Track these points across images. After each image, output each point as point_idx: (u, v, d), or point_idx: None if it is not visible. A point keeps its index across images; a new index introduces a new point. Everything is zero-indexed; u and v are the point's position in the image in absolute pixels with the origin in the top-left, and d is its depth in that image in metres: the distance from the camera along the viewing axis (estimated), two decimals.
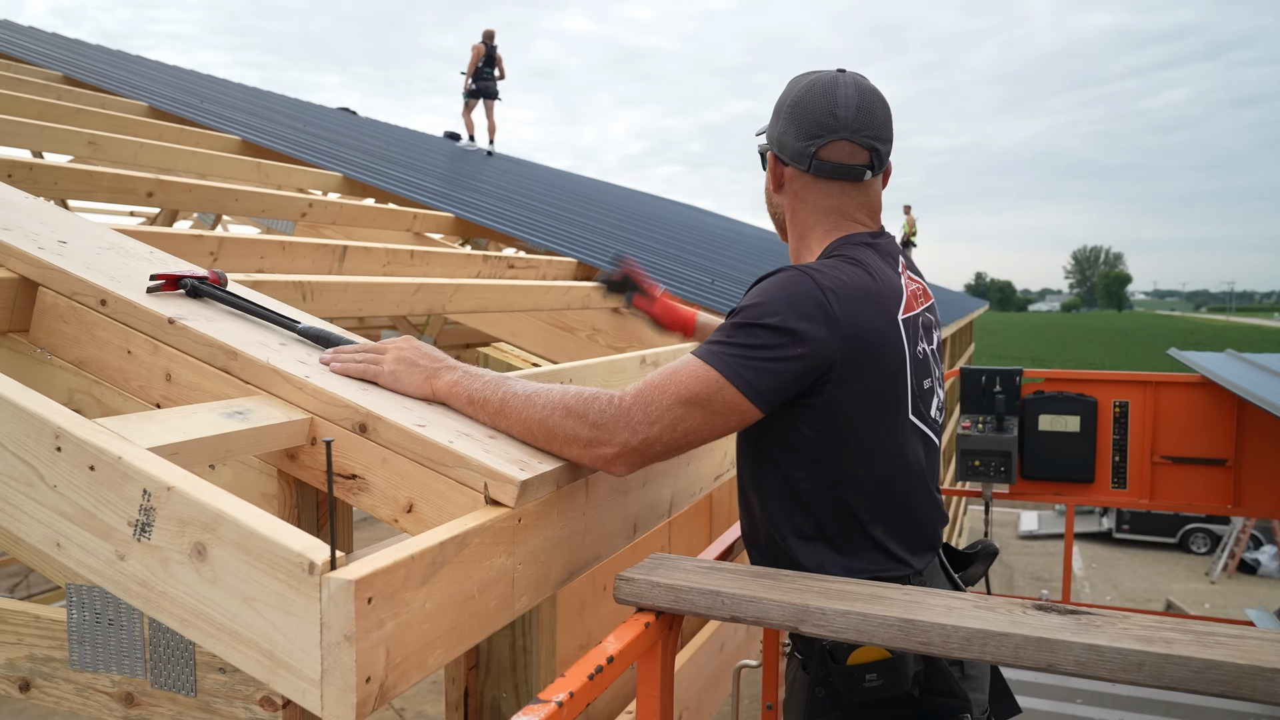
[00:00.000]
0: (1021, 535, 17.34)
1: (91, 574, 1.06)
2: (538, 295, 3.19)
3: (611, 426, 1.30)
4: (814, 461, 1.40)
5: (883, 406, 1.42)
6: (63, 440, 1.06)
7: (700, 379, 1.31)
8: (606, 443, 1.30)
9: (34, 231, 1.62)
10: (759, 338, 1.32)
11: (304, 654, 0.96)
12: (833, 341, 1.33)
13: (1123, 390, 4.06)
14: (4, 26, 7.08)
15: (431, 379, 1.40)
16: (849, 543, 1.43)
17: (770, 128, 1.57)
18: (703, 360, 1.33)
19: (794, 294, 1.34)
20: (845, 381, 1.36)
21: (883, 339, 1.40)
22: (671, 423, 1.30)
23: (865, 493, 1.42)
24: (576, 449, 1.32)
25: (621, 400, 1.32)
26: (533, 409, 1.34)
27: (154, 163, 3.60)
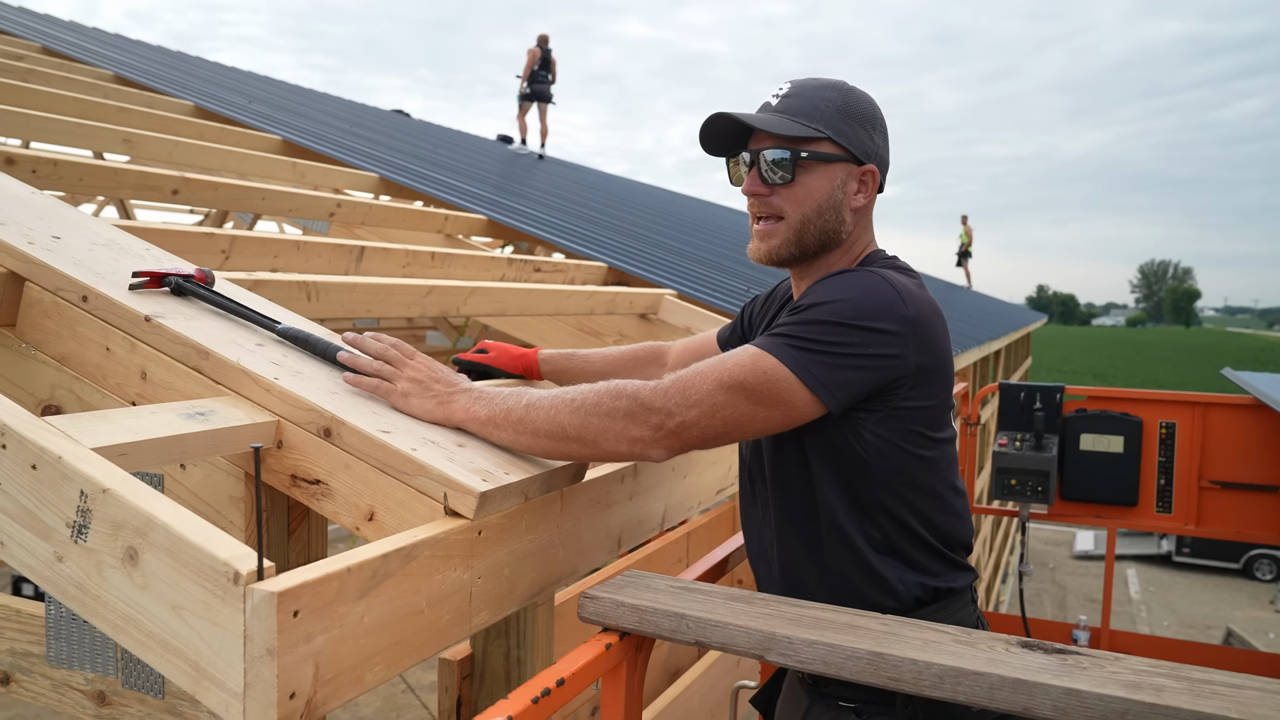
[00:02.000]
0: (1076, 555, 16.89)
1: (32, 574, 1.05)
2: (559, 299, 3.16)
3: (646, 409, 1.26)
4: (881, 472, 1.37)
5: (942, 414, 1.41)
6: (7, 437, 1.05)
7: (747, 365, 1.27)
8: (641, 425, 1.26)
9: (29, 226, 1.63)
10: (836, 334, 1.28)
11: (228, 666, 0.93)
12: (910, 343, 1.31)
13: (1169, 411, 3.89)
14: (68, 28, 7.29)
15: (445, 404, 1.37)
16: (921, 551, 1.41)
17: (852, 134, 1.44)
18: (759, 348, 1.28)
19: (875, 294, 1.31)
20: (918, 386, 1.34)
21: (946, 346, 1.41)
22: (711, 408, 1.26)
23: (933, 505, 1.41)
24: (612, 439, 1.27)
25: (659, 384, 1.28)
26: (559, 409, 1.29)
27: (190, 161, 3.65)
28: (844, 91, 1.46)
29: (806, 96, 1.44)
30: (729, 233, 9.05)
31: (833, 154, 1.43)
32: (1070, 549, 17.25)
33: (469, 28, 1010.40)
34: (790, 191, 1.43)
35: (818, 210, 1.43)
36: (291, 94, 8.32)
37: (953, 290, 17.30)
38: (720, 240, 7.64)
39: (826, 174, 1.43)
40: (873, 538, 1.40)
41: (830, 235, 1.46)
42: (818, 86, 1.46)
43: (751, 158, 1.45)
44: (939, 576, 1.43)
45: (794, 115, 1.43)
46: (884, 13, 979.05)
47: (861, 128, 1.45)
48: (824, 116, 1.43)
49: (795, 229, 1.44)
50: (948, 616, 1.43)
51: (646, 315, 3.83)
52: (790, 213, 1.44)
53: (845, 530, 1.40)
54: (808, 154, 1.42)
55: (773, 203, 1.45)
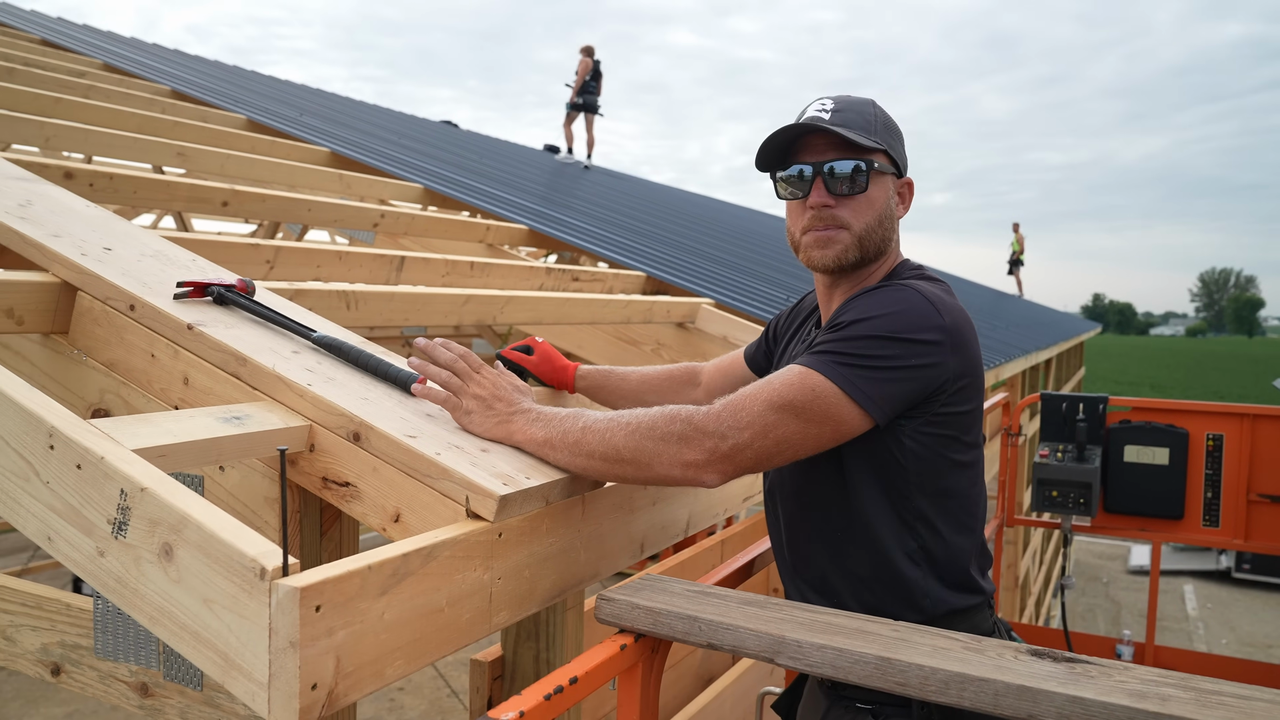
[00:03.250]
0: (1131, 570, 16.48)
1: (76, 568, 1.11)
2: (596, 308, 3.20)
3: (699, 434, 1.29)
4: (920, 479, 1.40)
5: (976, 420, 1.44)
6: (55, 439, 1.11)
7: (795, 385, 1.30)
8: (694, 449, 1.29)
9: (83, 238, 1.71)
10: (878, 348, 1.31)
11: (254, 657, 0.98)
12: (948, 352, 1.35)
13: (1217, 422, 3.81)
14: (128, 44, 7.54)
15: (504, 424, 1.41)
16: (953, 559, 1.44)
17: (897, 148, 1.51)
18: (808, 367, 1.32)
19: (911, 307, 1.35)
20: (955, 393, 1.38)
21: (978, 355, 1.44)
22: (763, 429, 1.28)
23: (967, 511, 1.45)
24: (665, 463, 1.30)
25: (710, 408, 1.31)
26: (614, 432, 1.32)
27: (240, 173, 3.77)
28: (880, 108, 1.52)
29: (857, 111, 1.49)
30: (769, 240, 9.04)
31: (888, 166, 1.49)
32: (1125, 564, 16.85)
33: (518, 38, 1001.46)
34: (856, 202, 1.46)
35: (879, 220, 1.48)
36: (342, 106, 8.51)
37: (1003, 299, 17.05)
38: (760, 248, 7.64)
39: (884, 185, 1.49)
40: (908, 547, 1.42)
41: (884, 245, 1.51)
42: (861, 102, 1.51)
43: (815, 169, 1.46)
44: (967, 586, 1.45)
45: (854, 128, 1.45)
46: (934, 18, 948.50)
47: (899, 142, 1.53)
48: (877, 130, 1.48)
49: (859, 237, 1.47)
50: (977, 624, 1.46)
51: (684, 324, 3.86)
52: (854, 223, 1.46)
53: (881, 540, 1.42)
54: (877, 165, 1.47)
55: (838, 214, 1.46)
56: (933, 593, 1.42)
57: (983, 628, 1.48)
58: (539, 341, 1.95)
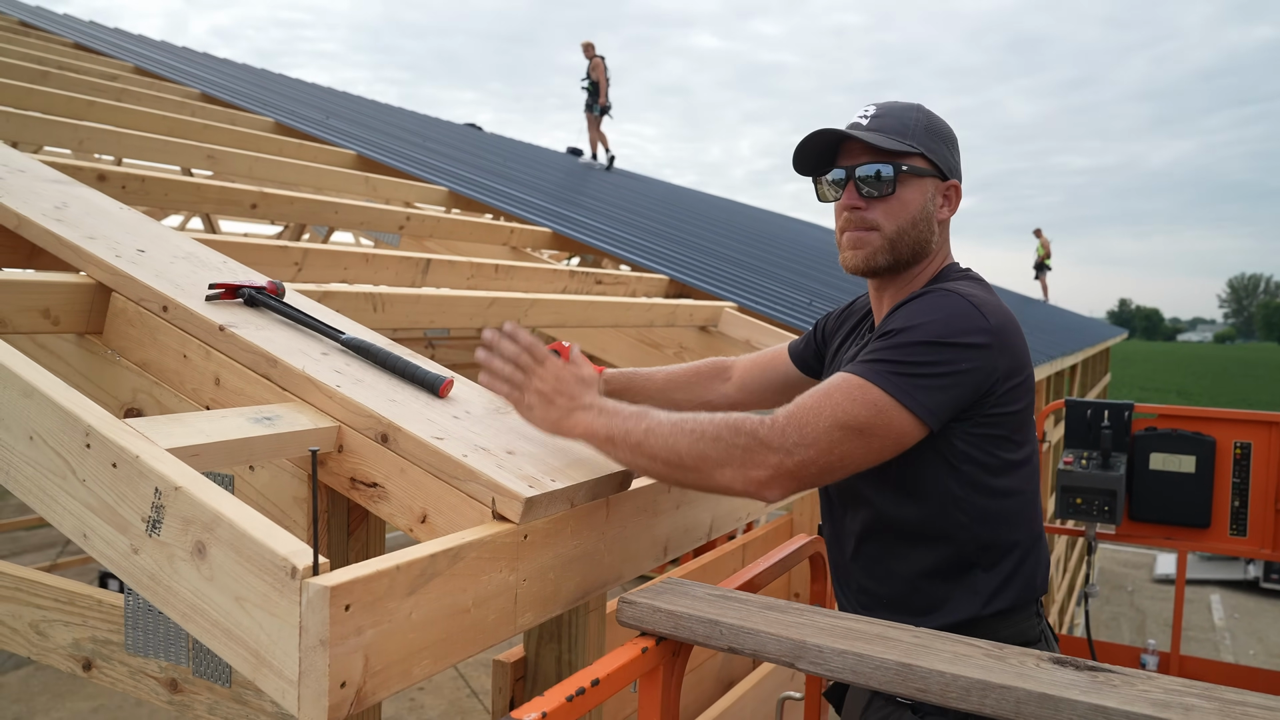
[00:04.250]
0: (1157, 579, 16.30)
1: (111, 564, 1.13)
2: (619, 311, 3.21)
3: (764, 449, 1.29)
4: (974, 478, 1.42)
5: (1027, 419, 1.47)
6: (91, 438, 1.13)
7: (860, 400, 1.31)
8: (760, 465, 1.29)
9: (117, 240, 1.74)
10: (927, 354, 1.33)
11: (285, 655, 1.00)
12: (994, 354, 1.37)
13: (1245, 431, 3.77)
14: (159, 48, 7.64)
15: (564, 420, 1.41)
16: (1002, 563, 1.46)
17: (939, 151, 1.53)
18: (864, 379, 1.33)
19: (957, 312, 1.37)
20: (1004, 394, 1.40)
21: (1025, 354, 1.46)
22: (828, 445, 1.29)
23: (1022, 507, 1.47)
24: (729, 474, 1.30)
25: (774, 422, 1.31)
26: (678, 437, 1.32)
27: (268, 176, 3.82)
28: (927, 112, 1.55)
29: (896, 115, 1.52)
30: (792, 245, 9.03)
31: (924, 169, 1.51)
32: (1150, 572, 16.67)
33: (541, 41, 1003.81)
34: (887, 204, 1.50)
35: (913, 222, 1.50)
36: (367, 109, 8.58)
37: (1028, 304, 16.93)
38: (783, 252, 7.63)
39: (920, 188, 1.51)
40: (963, 547, 1.45)
41: (922, 246, 1.53)
42: (904, 107, 1.54)
43: (848, 173, 1.51)
44: (1020, 584, 1.48)
45: (888, 132, 1.50)
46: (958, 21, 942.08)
47: (945, 145, 1.54)
48: (915, 134, 1.51)
49: (891, 240, 1.51)
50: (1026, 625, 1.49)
51: (706, 327, 3.86)
52: (886, 225, 1.50)
53: (934, 539, 1.46)
54: (907, 168, 1.49)
55: (868, 216, 1.51)
56: (984, 590, 1.45)
57: (1030, 630, 1.50)
58: (566, 346, 1.95)
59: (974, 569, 1.46)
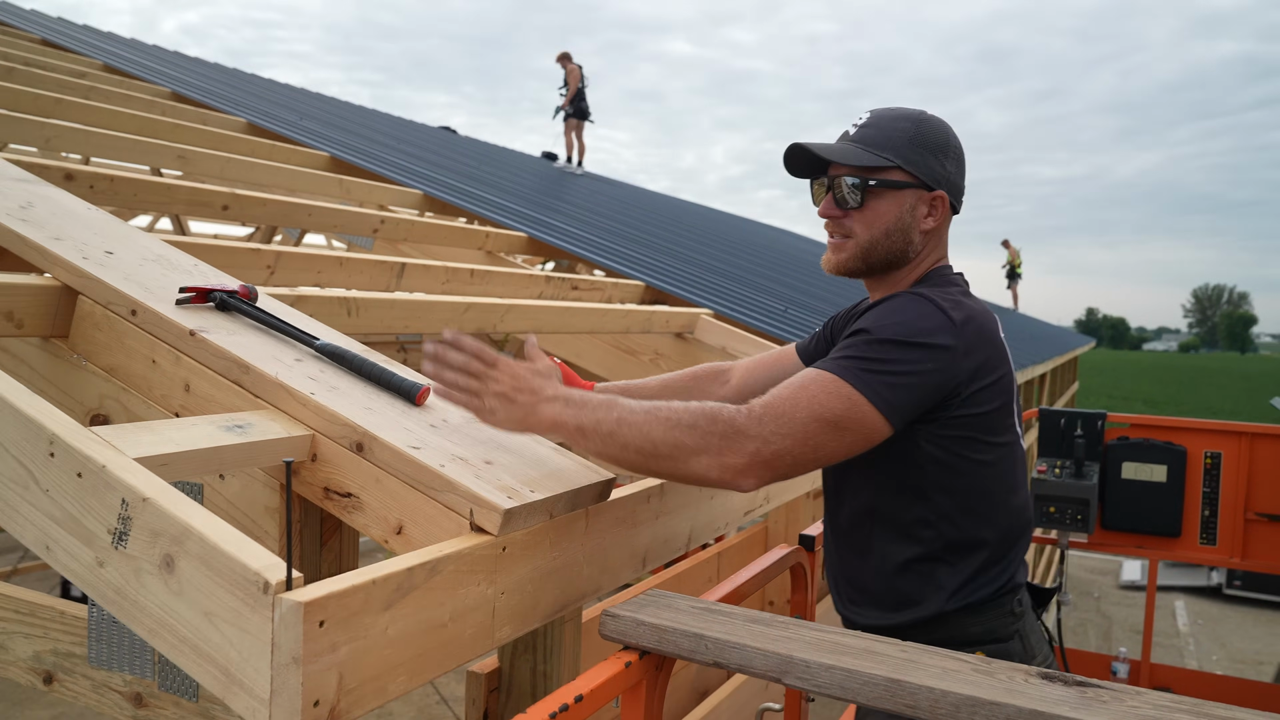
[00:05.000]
0: (1123, 585, 16.47)
1: (75, 578, 1.09)
2: (595, 318, 3.19)
3: (741, 437, 1.29)
4: (939, 478, 1.44)
5: (1000, 420, 1.47)
6: (56, 446, 1.09)
7: (835, 394, 1.33)
8: (737, 453, 1.29)
9: (84, 241, 1.69)
10: (893, 353, 1.36)
11: (256, 673, 0.96)
12: (960, 356, 1.39)
13: (1215, 440, 3.81)
14: (129, 46, 7.52)
15: (529, 416, 1.34)
16: (968, 560, 1.48)
17: (921, 162, 1.53)
18: (837, 375, 1.34)
19: (922, 313, 1.40)
20: (971, 396, 1.41)
21: (999, 355, 1.47)
22: (805, 437, 1.31)
23: (990, 507, 1.48)
24: (704, 461, 1.29)
25: (751, 411, 1.31)
26: (653, 425, 1.30)
27: (240, 177, 3.75)
28: (918, 121, 1.55)
29: (881, 127, 1.55)
30: (769, 251, 9.04)
31: (902, 181, 1.52)
32: (1116, 578, 16.86)
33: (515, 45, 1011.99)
34: (861, 215, 1.54)
35: (885, 233, 1.53)
36: (341, 111, 8.50)
37: (999, 311, 17.10)
38: (758, 259, 7.64)
39: (895, 200, 1.53)
40: (931, 544, 1.47)
41: (897, 255, 1.55)
42: (894, 117, 1.56)
43: (829, 182, 1.55)
44: (992, 580, 1.49)
45: (867, 145, 1.54)
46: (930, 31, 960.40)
47: (933, 156, 1.55)
48: (895, 146, 1.53)
49: (863, 248, 1.55)
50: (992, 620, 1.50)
51: (683, 334, 3.85)
52: (860, 233, 1.55)
53: (903, 536, 1.49)
54: (876, 182, 1.52)
55: (845, 224, 1.56)
56: (949, 586, 1.48)
57: (1002, 628, 1.51)
58: (556, 362, 1.90)
59: (939, 564, 1.48)
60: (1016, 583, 1.54)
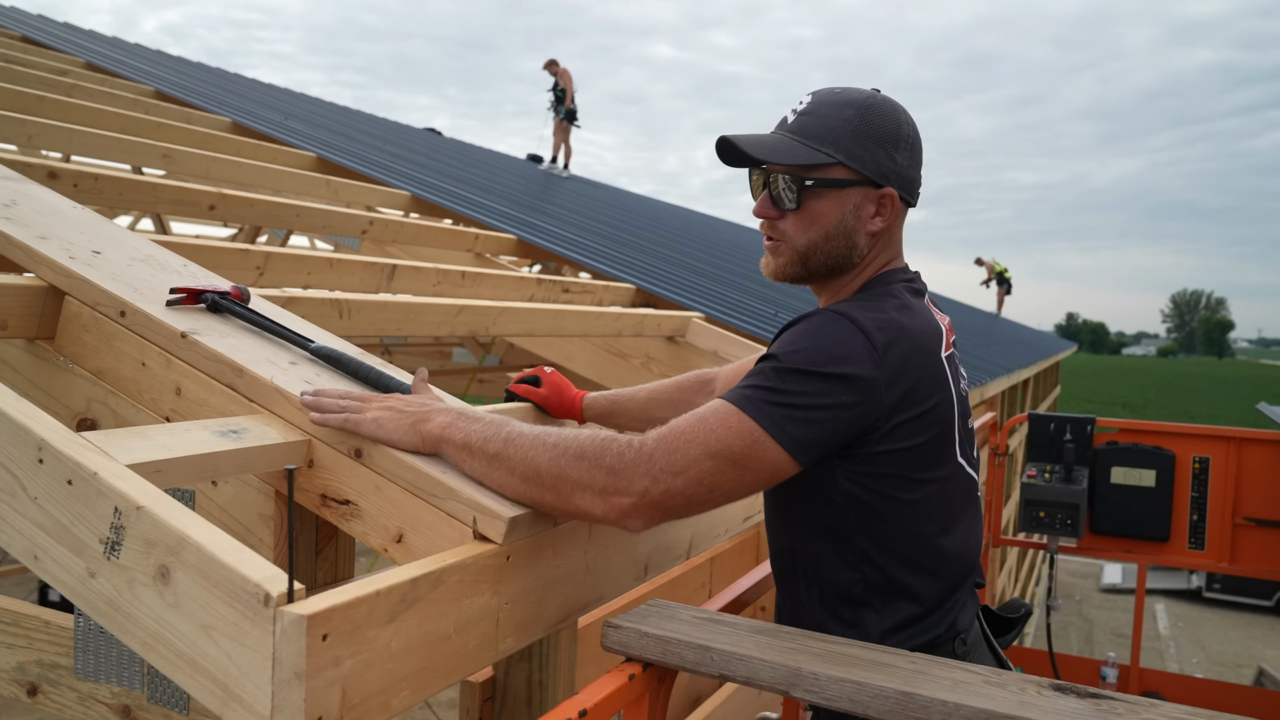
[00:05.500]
0: (1104, 588, 16.60)
1: (64, 589, 1.05)
2: (588, 321, 3.17)
3: (630, 473, 1.18)
4: (859, 518, 1.31)
5: (935, 452, 1.32)
6: (45, 452, 1.06)
7: (735, 430, 1.20)
8: (623, 491, 1.18)
9: (70, 241, 1.65)
10: (800, 384, 1.21)
11: (256, 688, 0.93)
12: (880, 387, 1.24)
13: (1204, 445, 3.83)
14: (110, 44, 7.44)
15: (420, 424, 1.27)
16: (896, 606, 1.34)
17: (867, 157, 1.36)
18: (738, 407, 1.21)
19: (838, 338, 1.25)
20: (894, 429, 1.27)
21: (932, 380, 1.32)
22: (699, 476, 1.19)
23: (917, 549, 1.33)
24: (588, 497, 1.19)
25: (643, 445, 1.20)
26: (539, 450, 1.21)
27: (226, 177, 3.70)
28: (863, 109, 1.37)
29: (822, 116, 1.38)
30: (754, 255, 9.04)
31: (845, 179, 1.36)
32: (1097, 582, 16.98)
33: (498, 48, 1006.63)
34: (797, 217, 1.38)
35: (824, 236, 1.38)
36: (326, 111, 8.44)
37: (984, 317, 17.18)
38: (747, 262, 7.64)
39: (837, 199, 1.37)
40: (852, 588, 1.34)
41: (839, 260, 1.40)
42: (836, 104, 1.38)
43: (764, 179, 1.40)
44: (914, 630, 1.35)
45: (805, 138, 1.37)
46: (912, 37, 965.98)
47: (880, 149, 1.37)
48: (837, 139, 1.36)
49: (800, 253, 1.40)
50: None
51: (674, 338, 3.83)
52: (795, 238, 1.39)
53: (824, 579, 1.36)
54: (813, 181, 1.36)
55: (779, 226, 1.40)
56: (875, 632, 1.34)
57: None
58: (548, 372, 1.81)
59: (864, 609, 1.34)
60: (959, 629, 1.38)
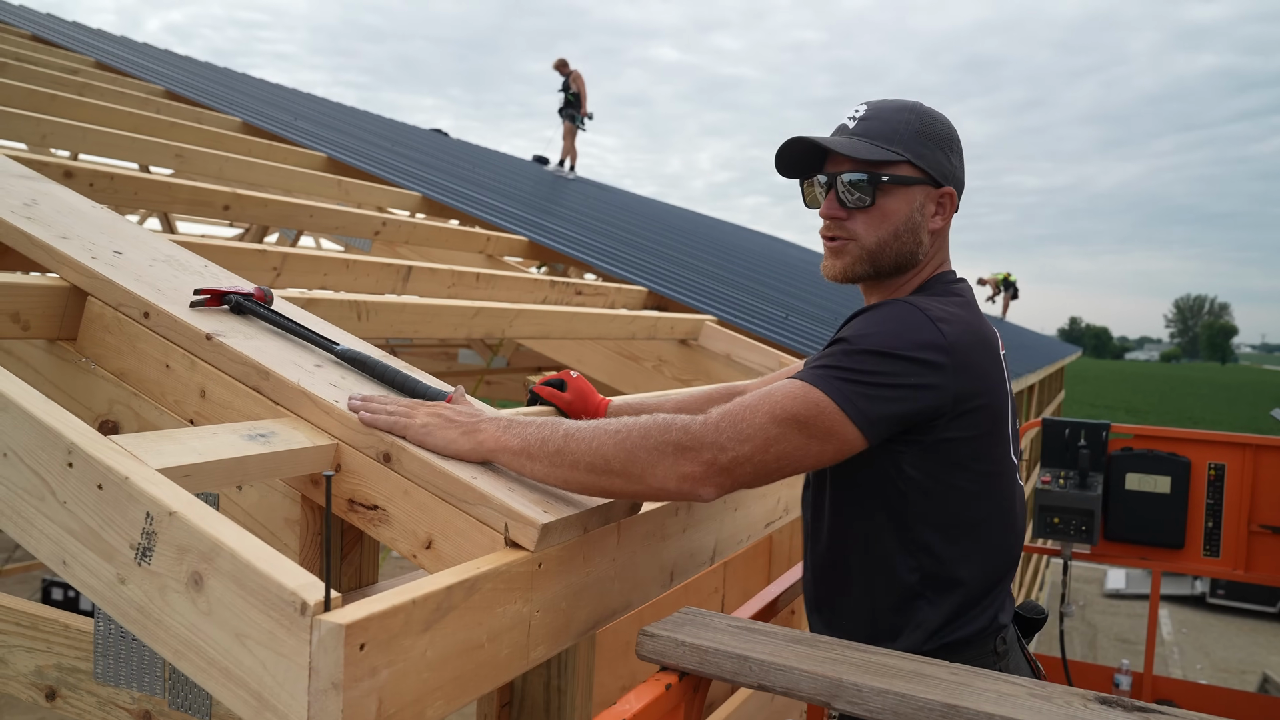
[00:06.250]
0: (1107, 593, 16.56)
1: (93, 595, 1.03)
2: (602, 323, 3.15)
3: (697, 444, 1.20)
4: (922, 506, 1.34)
5: (991, 446, 1.37)
6: (74, 456, 1.04)
7: (799, 398, 1.23)
8: (693, 460, 1.20)
9: (92, 241, 1.64)
10: (873, 364, 1.25)
11: (291, 698, 0.91)
12: (950, 375, 1.28)
13: (1219, 452, 3.80)
14: (119, 43, 7.43)
15: (471, 433, 1.28)
16: (948, 597, 1.36)
17: (930, 157, 1.42)
18: (806, 381, 1.25)
19: (910, 324, 1.29)
20: (959, 418, 1.31)
21: (993, 376, 1.37)
22: (764, 442, 1.21)
23: (973, 540, 1.36)
24: (660, 473, 1.21)
25: (708, 418, 1.23)
26: (603, 439, 1.22)
27: (238, 177, 3.69)
28: (921, 114, 1.44)
29: (884, 119, 1.43)
30: (765, 258, 9.03)
31: (912, 177, 1.41)
32: (1101, 587, 16.93)
33: (501, 48, 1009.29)
34: (867, 215, 1.42)
35: (894, 234, 1.42)
36: (333, 111, 8.43)
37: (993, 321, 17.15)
38: (755, 266, 7.62)
39: (905, 197, 1.41)
40: (910, 577, 1.37)
41: (907, 257, 1.44)
42: (895, 109, 1.44)
43: (829, 181, 1.43)
44: (973, 618, 1.38)
45: (872, 138, 1.41)
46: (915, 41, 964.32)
47: (940, 150, 1.43)
48: (903, 139, 1.41)
49: (870, 251, 1.43)
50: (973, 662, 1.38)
51: (686, 341, 3.81)
52: (865, 236, 1.42)
53: (883, 569, 1.38)
54: (888, 178, 1.40)
55: (848, 226, 1.43)
56: (929, 624, 1.36)
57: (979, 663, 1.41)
58: (574, 376, 1.80)
59: (919, 599, 1.37)
60: (1000, 623, 1.43)
